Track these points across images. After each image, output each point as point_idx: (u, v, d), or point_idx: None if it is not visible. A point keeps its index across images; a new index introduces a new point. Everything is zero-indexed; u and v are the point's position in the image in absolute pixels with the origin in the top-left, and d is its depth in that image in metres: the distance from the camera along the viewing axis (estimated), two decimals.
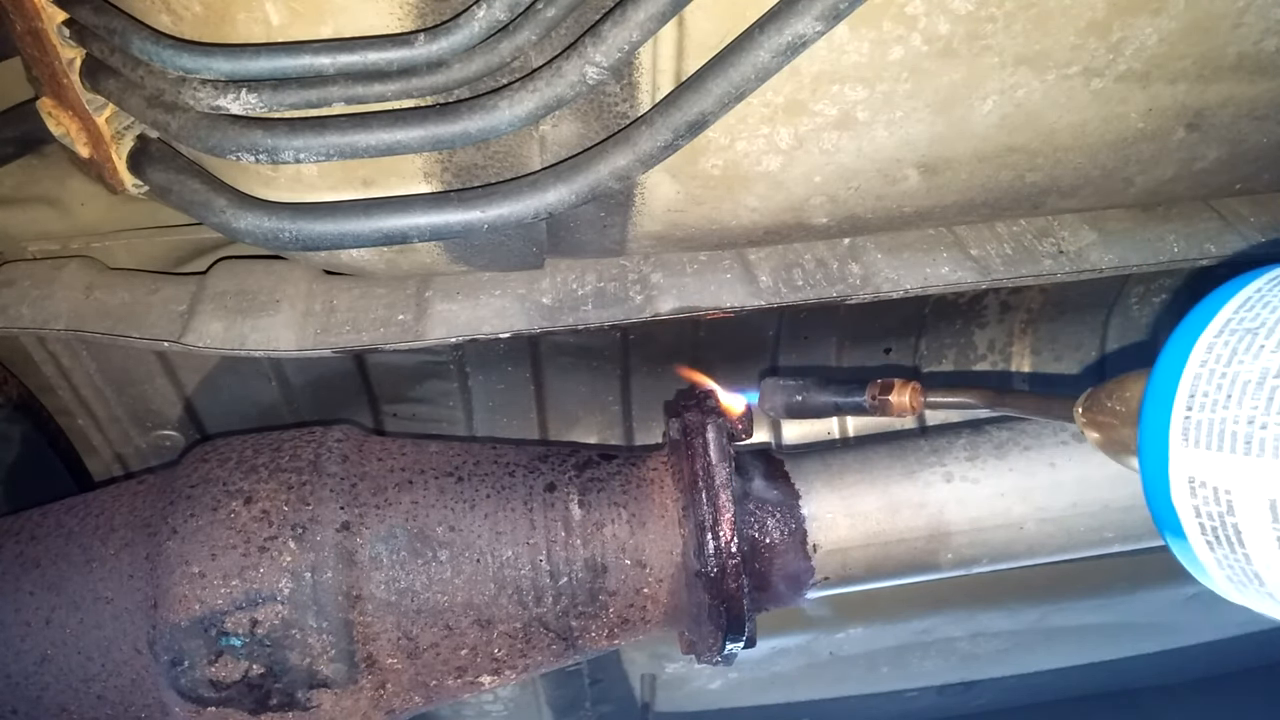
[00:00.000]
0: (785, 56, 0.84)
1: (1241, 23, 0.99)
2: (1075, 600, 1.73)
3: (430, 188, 1.02)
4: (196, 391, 1.31)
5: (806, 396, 0.97)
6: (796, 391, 0.97)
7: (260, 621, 0.92)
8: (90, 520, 1.01)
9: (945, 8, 0.91)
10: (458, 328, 1.15)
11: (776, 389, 0.99)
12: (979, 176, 1.12)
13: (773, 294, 1.19)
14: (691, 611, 1.00)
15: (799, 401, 0.97)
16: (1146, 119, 1.08)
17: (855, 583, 1.03)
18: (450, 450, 1.06)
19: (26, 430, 1.30)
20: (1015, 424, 1.08)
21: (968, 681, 1.98)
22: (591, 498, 1.00)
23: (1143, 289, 1.44)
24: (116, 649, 0.95)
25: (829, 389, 0.97)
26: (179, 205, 1.02)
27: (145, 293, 1.20)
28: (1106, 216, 1.30)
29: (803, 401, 0.97)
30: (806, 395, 0.97)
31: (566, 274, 1.22)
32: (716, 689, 1.84)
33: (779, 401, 0.98)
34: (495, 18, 0.84)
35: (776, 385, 0.99)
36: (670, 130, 0.90)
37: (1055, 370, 1.50)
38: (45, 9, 0.94)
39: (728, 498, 0.96)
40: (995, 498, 1.00)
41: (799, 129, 1.01)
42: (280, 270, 1.22)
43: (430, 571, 0.96)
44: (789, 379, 0.99)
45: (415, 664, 0.97)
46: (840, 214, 1.15)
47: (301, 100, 0.88)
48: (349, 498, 0.98)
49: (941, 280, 1.21)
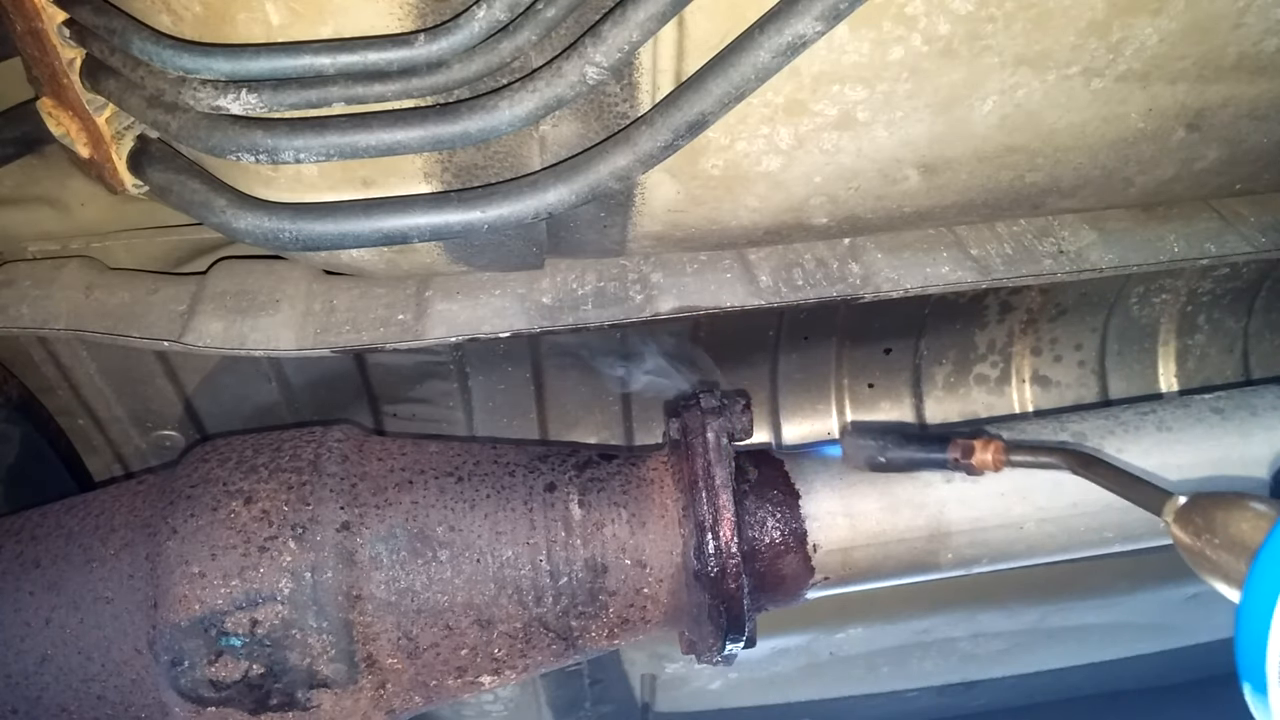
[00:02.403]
0: (785, 56, 0.84)
1: (1241, 23, 0.99)
2: (1075, 600, 1.73)
3: (430, 188, 1.02)
4: (196, 391, 1.31)
5: (889, 456, 0.97)
6: (878, 451, 0.98)
7: (260, 621, 0.92)
8: (90, 520, 1.01)
9: (945, 8, 0.91)
10: (457, 327, 1.15)
11: (858, 446, 0.99)
12: (979, 176, 1.12)
13: (773, 294, 1.19)
14: (691, 611, 1.00)
15: (882, 461, 0.98)
16: (1146, 119, 1.08)
17: (855, 583, 1.02)
18: (450, 450, 1.06)
19: (26, 430, 1.30)
20: (1015, 424, 1.08)
21: (968, 681, 1.98)
22: (591, 498, 1.00)
23: (1143, 289, 1.44)
24: (116, 649, 0.95)
25: (910, 445, 0.97)
26: (179, 205, 1.02)
27: (145, 293, 1.20)
28: (1106, 216, 1.30)
29: (885, 461, 0.98)
30: (888, 454, 0.97)
31: (566, 274, 1.22)
32: (716, 689, 1.84)
33: (862, 459, 0.99)
34: (495, 18, 0.84)
35: (858, 443, 0.99)
36: (670, 130, 0.90)
37: (1055, 371, 1.50)
38: (45, 9, 0.94)
39: (728, 498, 0.96)
40: (995, 497, 1.00)
41: (799, 129, 1.01)
42: (280, 270, 1.22)
43: (430, 571, 0.96)
44: (870, 437, 0.99)
45: (415, 664, 0.97)
46: (840, 214, 1.15)
47: (301, 100, 0.88)
48: (349, 498, 0.98)
49: (942, 280, 1.21)
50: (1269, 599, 0.64)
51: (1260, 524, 0.69)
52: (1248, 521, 0.71)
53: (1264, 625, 0.64)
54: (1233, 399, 1.07)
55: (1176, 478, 1.00)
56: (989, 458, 0.94)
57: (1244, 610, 0.66)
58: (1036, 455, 0.94)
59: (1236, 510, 0.72)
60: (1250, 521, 0.71)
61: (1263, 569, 0.66)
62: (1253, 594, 0.66)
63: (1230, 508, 0.73)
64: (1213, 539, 0.73)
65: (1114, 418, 1.05)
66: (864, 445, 0.98)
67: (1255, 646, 0.65)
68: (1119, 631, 1.86)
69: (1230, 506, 0.73)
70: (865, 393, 1.48)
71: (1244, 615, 0.66)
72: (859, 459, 0.99)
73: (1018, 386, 1.50)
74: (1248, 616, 0.66)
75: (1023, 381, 1.50)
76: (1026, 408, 1.51)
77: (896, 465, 0.98)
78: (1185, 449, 1.02)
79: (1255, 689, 0.66)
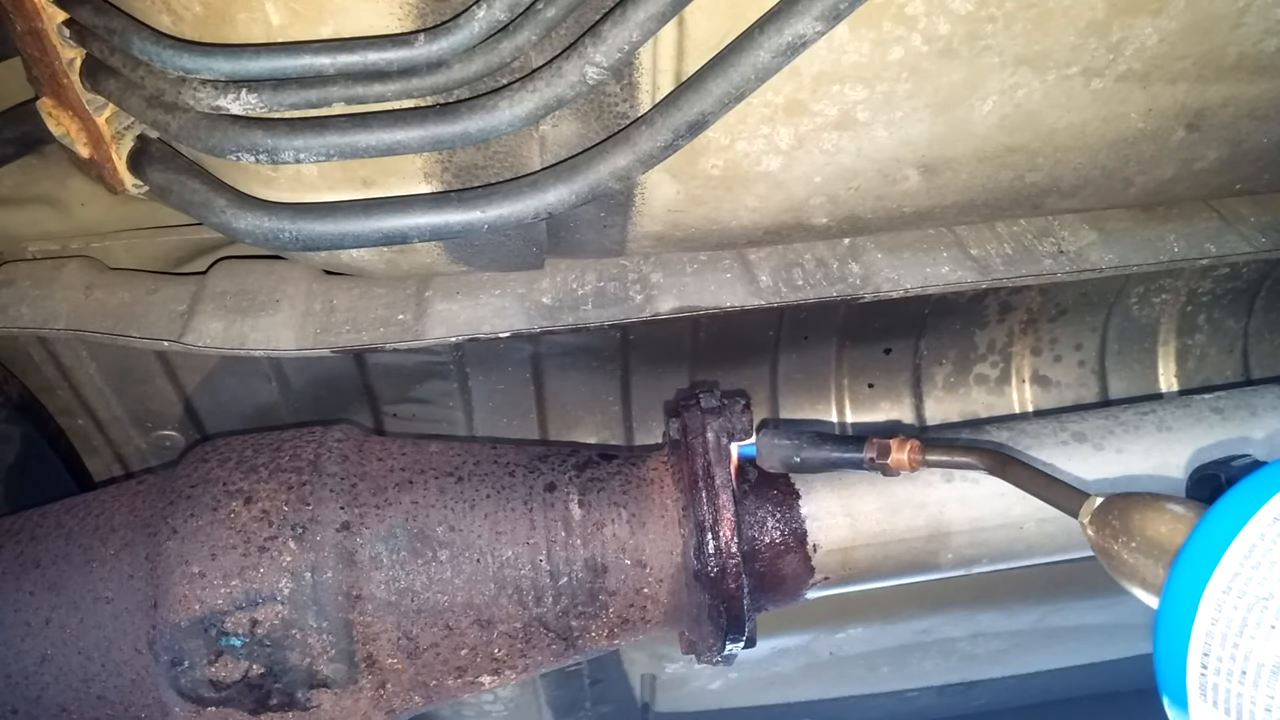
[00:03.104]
0: (785, 56, 0.84)
1: (1241, 23, 0.99)
2: (1075, 600, 1.73)
3: (430, 188, 1.02)
4: (196, 391, 1.31)
5: (804, 456, 0.96)
6: (793, 451, 0.97)
7: (260, 621, 0.92)
8: (90, 520, 1.01)
9: (945, 8, 0.91)
10: (457, 327, 1.15)
11: (773, 447, 0.98)
12: (979, 176, 1.12)
13: (773, 294, 1.19)
14: (691, 611, 1.00)
15: (797, 462, 0.97)
16: (1146, 119, 1.08)
17: (855, 582, 1.03)
18: (450, 450, 1.06)
19: (26, 430, 1.30)
20: (1015, 425, 1.08)
21: (968, 682, 1.98)
22: (591, 498, 1.00)
23: (1143, 289, 1.44)
24: (116, 649, 0.95)
25: (826, 445, 0.96)
26: (179, 205, 1.02)
27: (145, 293, 1.20)
28: (1106, 216, 1.30)
29: (800, 461, 0.97)
30: (803, 454, 0.96)
31: (566, 274, 1.22)
32: (716, 689, 1.84)
33: (776, 458, 0.98)
34: (495, 18, 0.84)
35: (773, 443, 0.98)
36: (670, 130, 0.90)
37: (1055, 371, 1.50)
38: (45, 9, 0.94)
39: (728, 498, 0.96)
40: (995, 497, 0.99)
41: (799, 129, 1.01)
42: (280, 270, 1.22)
43: (430, 571, 0.96)
44: (784, 436, 0.97)
45: (415, 664, 0.97)
46: (840, 214, 1.15)
47: (301, 100, 0.88)
48: (349, 498, 0.98)
49: (941, 280, 1.21)
50: (1189, 605, 0.60)
51: (1178, 526, 0.66)
52: (1165, 524, 0.68)
53: (1183, 633, 0.60)
54: (1233, 399, 1.07)
55: (1177, 477, 1.00)
56: (904, 458, 0.93)
57: (1162, 617, 0.63)
58: (953, 455, 0.92)
59: (1153, 512, 0.70)
60: (1168, 524, 0.68)
61: (1182, 574, 0.62)
62: (1172, 600, 0.62)
63: (1146, 509, 0.70)
64: (1129, 541, 0.69)
65: (1114, 418, 1.06)
66: (779, 445, 0.97)
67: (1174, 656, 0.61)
68: (1119, 631, 1.85)
69: (1146, 508, 0.70)
70: (865, 393, 1.49)
71: (1163, 623, 0.62)
72: (774, 459, 0.98)
73: (1018, 386, 1.50)
74: (1166, 624, 0.62)
75: (1023, 381, 1.50)
76: (1026, 408, 1.51)
77: (812, 465, 0.97)
78: (1185, 449, 1.02)
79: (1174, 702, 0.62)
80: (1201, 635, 0.60)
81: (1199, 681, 0.60)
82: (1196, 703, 0.60)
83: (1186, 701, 0.61)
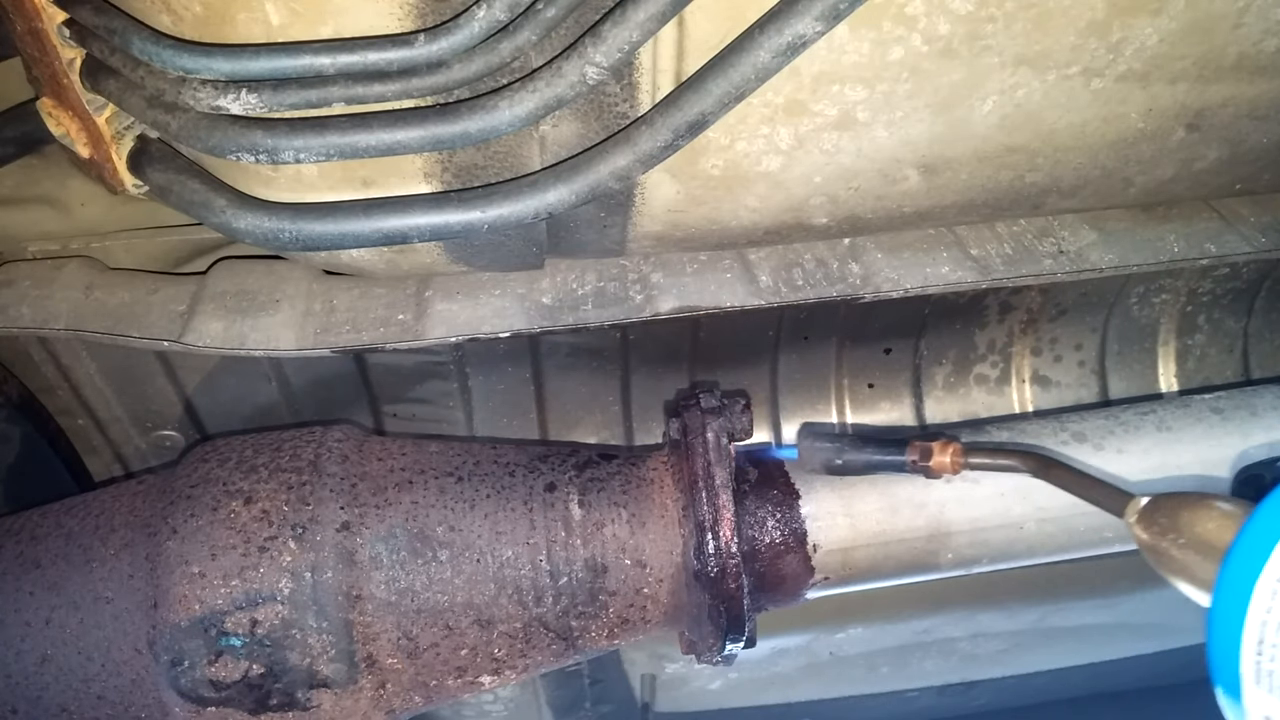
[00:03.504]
0: (785, 57, 0.84)
1: (1241, 23, 0.99)
2: (1075, 600, 1.73)
3: (430, 188, 1.02)
4: (196, 391, 1.31)
5: (845, 459, 0.96)
6: (835, 454, 0.96)
7: (260, 621, 0.92)
8: (90, 520, 1.01)
9: (945, 8, 0.91)
10: (457, 327, 1.15)
11: (814, 449, 0.97)
12: (979, 177, 1.12)
13: (773, 294, 1.19)
14: (691, 611, 1.00)
15: (839, 464, 0.97)
16: (1146, 119, 1.08)
17: (855, 583, 1.02)
18: (450, 450, 1.06)
19: (26, 430, 1.30)
20: (1015, 425, 1.08)
21: (968, 682, 1.98)
22: (591, 498, 1.00)
23: (1143, 289, 1.44)
24: (116, 649, 0.95)
25: (868, 448, 0.96)
26: (179, 205, 1.02)
27: (145, 293, 1.20)
28: (1106, 216, 1.30)
29: (842, 464, 0.96)
30: (845, 456, 0.96)
31: (566, 274, 1.22)
32: (716, 689, 1.84)
33: (818, 461, 0.97)
34: (495, 18, 0.84)
35: (814, 445, 0.97)
36: (670, 130, 0.90)
37: (1055, 371, 1.50)
38: (45, 9, 0.94)
39: (728, 498, 0.96)
40: (995, 497, 0.99)
41: (799, 129, 1.01)
42: (280, 270, 1.22)
43: (430, 571, 0.96)
44: (826, 440, 0.97)
45: (415, 664, 0.97)
46: (840, 214, 1.15)
47: (301, 100, 0.88)
48: (349, 498, 0.98)
49: (941, 280, 1.21)
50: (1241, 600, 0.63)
51: (1227, 524, 0.68)
52: (1214, 521, 0.70)
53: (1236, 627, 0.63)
54: (1233, 399, 1.07)
55: (1177, 477, 1.00)
56: (947, 460, 0.93)
57: (1216, 612, 0.65)
58: (995, 458, 0.93)
59: (1202, 510, 0.71)
60: (1217, 521, 0.70)
61: (1234, 570, 0.65)
62: (1224, 595, 0.65)
63: (1195, 508, 0.72)
64: (1178, 539, 0.71)
65: (1114, 418, 1.05)
66: (821, 448, 0.97)
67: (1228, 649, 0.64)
68: (1119, 631, 1.86)
69: (1195, 507, 0.72)
70: (865, 393, 1.49)
71: (1216, 617, 0.65)
72: (815, 462, 0.98)
73: (1018, 386, 1.50)
74: (1220, 618, 0.65)
75: (1023, 381, 1.50)
76: (1026, 408, 1.51)
77: (854, 469, 0.97)
78: (1185, 449, 1.02)
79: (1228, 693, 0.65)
80: (1256, 625, 0.63)
81: (1254, 670, 0.63)
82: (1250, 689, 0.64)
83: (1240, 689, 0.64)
